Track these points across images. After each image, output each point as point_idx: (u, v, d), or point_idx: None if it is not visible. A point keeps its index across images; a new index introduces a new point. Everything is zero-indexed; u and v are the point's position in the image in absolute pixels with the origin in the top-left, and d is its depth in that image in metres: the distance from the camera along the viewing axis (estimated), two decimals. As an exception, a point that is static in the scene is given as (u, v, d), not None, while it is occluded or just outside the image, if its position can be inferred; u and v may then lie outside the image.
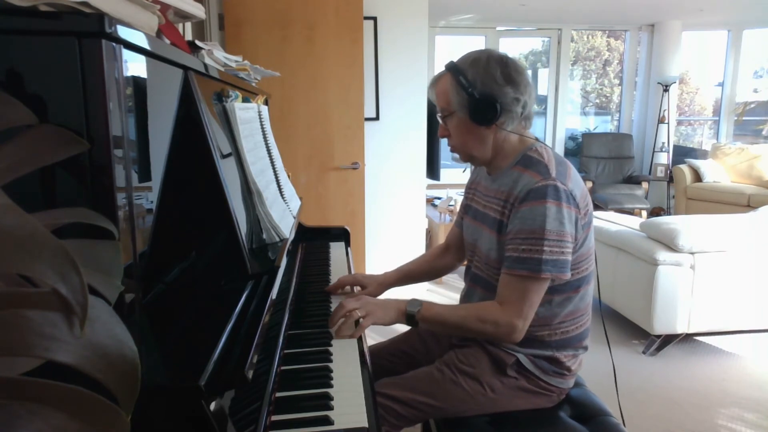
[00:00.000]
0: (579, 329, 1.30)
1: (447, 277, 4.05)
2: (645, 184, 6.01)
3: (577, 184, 1.22)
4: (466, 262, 1.47)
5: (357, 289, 1.52)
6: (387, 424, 1.23)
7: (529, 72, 7.76)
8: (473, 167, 1.49)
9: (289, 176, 1.77)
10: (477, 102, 1.21)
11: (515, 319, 1.17)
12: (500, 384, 1.27)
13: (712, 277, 2.67)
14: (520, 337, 1.20)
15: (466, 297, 1.43)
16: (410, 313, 1.23)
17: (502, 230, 1.24)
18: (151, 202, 0.73)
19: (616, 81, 7.55)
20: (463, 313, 1.23)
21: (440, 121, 1.32)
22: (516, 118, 1.25)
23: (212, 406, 0.63)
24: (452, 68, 1.25)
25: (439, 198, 4.75)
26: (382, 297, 1.50)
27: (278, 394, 0.94)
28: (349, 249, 1.90)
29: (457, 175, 5.17)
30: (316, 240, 1.99)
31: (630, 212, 5.33)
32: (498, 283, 1.23)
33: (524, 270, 1.16)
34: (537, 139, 1.31)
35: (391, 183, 3.50)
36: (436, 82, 1.30)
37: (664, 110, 6.19)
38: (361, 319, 1.20)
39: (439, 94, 1.29)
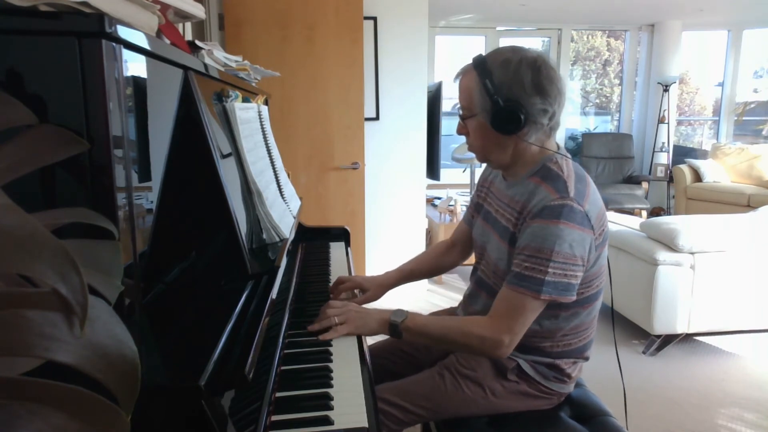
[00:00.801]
0: (582, 342, 1.28)
1: (447, 277, 4.05)
2: (645, 184, 6.02)
3: (594, 203, 1.17)
4: (473, 262, 1.44)
5: (358, 292, 1.51)
6: (387, 429, 1.23)
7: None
8: (477, 167, 1.46)
9: (289, 176, 1.77)
10: (501, 110, 1.13)
11: (503, 335, 1.13)
12: (501, 388, 1.27)
13: (712, 277, 2.67)
14: (505, 354, 1.16)
15: (469, 298, 1.41)
16: (393, 322, 1.19)
17: (513, 242, 1.20)
18: (151, 202, 0.73)
19: (616, 81, 7.55)
20: (449, 325, 1.20)
21: (459, 118, 1.26)
22: (541, 130, 1.18)
23: (212, 406, 0.63)
24: (480, 65, 1.16)
25: (439, 198, 4.75)
26: (380, 300, 1.49)
27: (278, 394, 0.94)
28: (349, 249, 1.90)
29: (457, 175, 5.17)
30: (316, 240, 1.99)
31: (630, 212, 5.33)
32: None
33: (524, 288, 1.12)
34: (559, 148, 1.25)
35: (391, 183, 3.50)
36: (461, 75, 1.22)
37: (664, 110, 6.19)
38: (337, 326, 1.18)
39: (463, 91, 1.21)
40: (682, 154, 6.54)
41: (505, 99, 1.13)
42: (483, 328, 1.15)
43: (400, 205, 3.54)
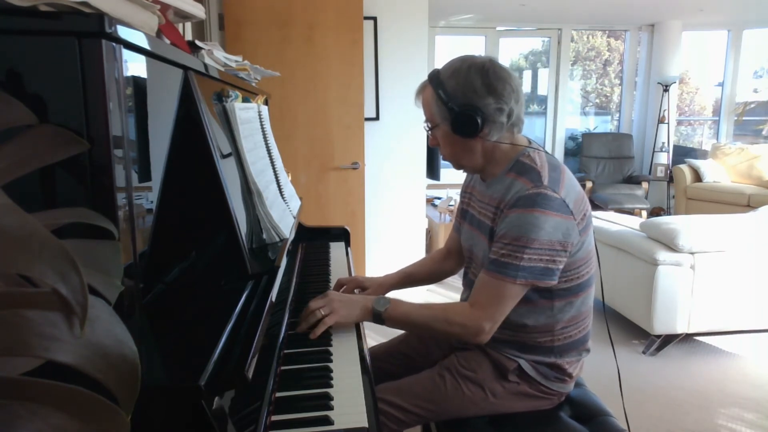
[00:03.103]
0: (581, 333, 1.29)
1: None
2: (645, 184, 6.01)
3: (571, 189, 1.20)
4: (463, 269, 1.46)
5: (357, 291, 1.51)
6: (387, 429, 1.23)
7: (529, 72, 7.69)
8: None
9: (289, 176, 1.77)
10: (457, 115, 1.18)
11: (483, 322, 1.16)
12: (502, 389, 1.27)
13: (712, 277, 2.67)
14: (486, 339, 1.18)
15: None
16: (377, 311, 1.21)
17: (492, 236, 1.22)
18: (151, 202, 0.73)
19: (616, 81, 7.55)
20: (431, 314, 1.22)
21: (427, 131, 1.31)
22: (502, 128, 1.21)
23: (212, 406, 0.63)
24: (434, 79, 1.23)
25: (439, 198, 4.75)
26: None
27: (278, 394, 0.94)
28: (349, 249, 1.90)
29: (457, 175, 5.12)
30: (316, 240, 1.99)
31: (630, 212, 5.33)
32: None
33: (499, 273, 1.15)
34: (530, 142, 1.29)
35: (391, 183, 3.50)
36: (420, 92, 1.28)
37: (664, 110, 6.19)
38: (324, 318, 1.18)
39: (424, 105, 1.27)
40: (682, 154, 6.54)
41: (460, 105, 1.18)
42: (465, 317, 1.18)
43: (400, 205, 3.54)
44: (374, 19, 3.30)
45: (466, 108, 1.18)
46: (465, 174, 1.48)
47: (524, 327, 1.24)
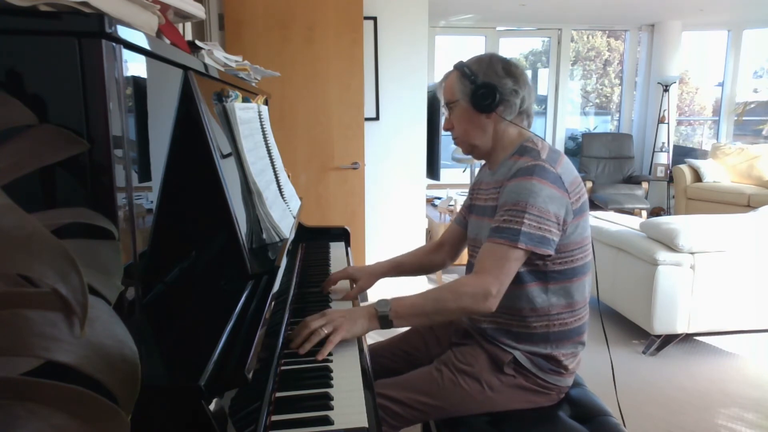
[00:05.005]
0: (577, 322, 1.30)
1: (447, 277, 4.05)
2: (645, 184, 6.01)
3: (568, 170, 1.26)
4: (467, 260, 1.47)
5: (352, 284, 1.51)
6: (386, 425, 1.23)
7: (529, 72, 7.72)
8: (477, 167, 1.51)
9: (289, 176, 1.77)
10: (478, 88, 1.29)
11: (490, 286, 1.15)
12: (498, 382, 1.28)
13: (712, 277, 2.67)
14: (494, 305, 1.16)
15: None
16: (382, 314, 1.17)
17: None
18: (151, 202, 0.73)
19: (617, 81, 7.55)
20: (436, 295, 1.21)
21: (445, 113, 1.41)
22: (514, 110, 1.32)
23: (212, 406, 0.63)
24: (459, 65, 1.36)
25: (439, 198, 4.75)
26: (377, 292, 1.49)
27: (278, 394, 0.94)
28: (349, 249, 1.90)
29: (457, 175, 5.17)
30: (316, 240, 1.99)
31: (630, 212, 5.33)
32: None
33: (501, 238, 1.18)
34: (535, 135, 1.35)
35: (391, 183, 3.50)
36: (444, 79, 1.40)
37: (664, 110, 6.19)
38: (330, 336, 1.11)
39: (446, 88, 1.37)
40: (682, 154, 6.53)
41: (482, 81, 1.30)
42: (471, 285, 1.18)
43: (400, 205, 3.54)
44: (374, 19, 3.30)
45: (487, 84, 1.29)
46: (466, 174, 1.51)
47: (519, 311, 1.26)
